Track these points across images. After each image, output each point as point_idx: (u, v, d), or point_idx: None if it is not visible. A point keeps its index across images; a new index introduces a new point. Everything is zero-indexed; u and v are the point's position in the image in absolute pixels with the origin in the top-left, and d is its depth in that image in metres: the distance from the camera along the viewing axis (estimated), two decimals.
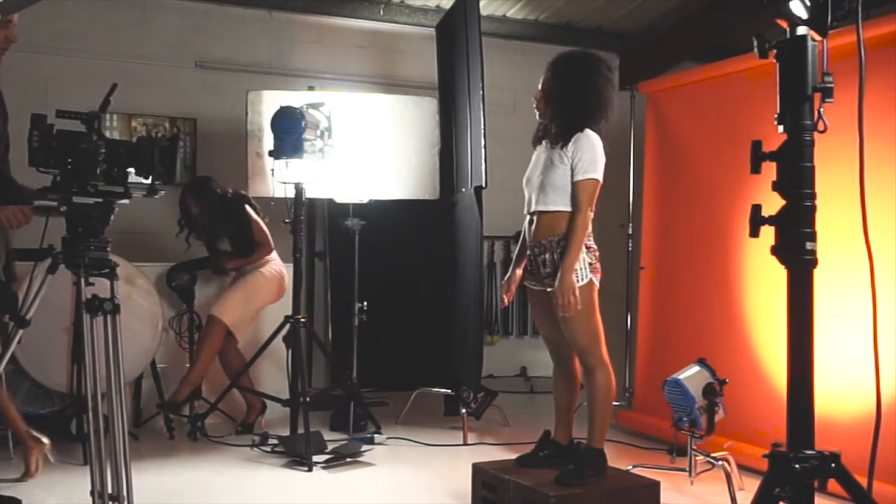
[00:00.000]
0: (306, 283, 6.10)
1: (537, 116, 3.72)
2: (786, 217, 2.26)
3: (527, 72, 7.48)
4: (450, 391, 5.35)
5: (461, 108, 5.52)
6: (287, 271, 5.25)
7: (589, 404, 3.57)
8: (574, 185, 3.49)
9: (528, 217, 3.69)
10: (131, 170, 2.73)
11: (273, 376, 5.43)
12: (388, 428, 5.20)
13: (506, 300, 3.84)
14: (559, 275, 3.43)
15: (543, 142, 3.69)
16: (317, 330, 6.02)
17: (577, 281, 3.43)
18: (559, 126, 3.57)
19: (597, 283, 3.52)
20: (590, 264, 3.50)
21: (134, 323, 4.68)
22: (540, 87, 3.67)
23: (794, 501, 2.19)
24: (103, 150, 2.68)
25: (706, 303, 4.91)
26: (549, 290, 3.55)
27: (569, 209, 3.50)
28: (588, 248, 3.51)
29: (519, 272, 3.77)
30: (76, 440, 4.51)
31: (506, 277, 3.85)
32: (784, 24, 2.28)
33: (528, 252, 3.67)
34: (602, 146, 3.54)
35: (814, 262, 2.25)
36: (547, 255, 3.54)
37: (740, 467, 4.01)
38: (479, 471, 3.70)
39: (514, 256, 3.87)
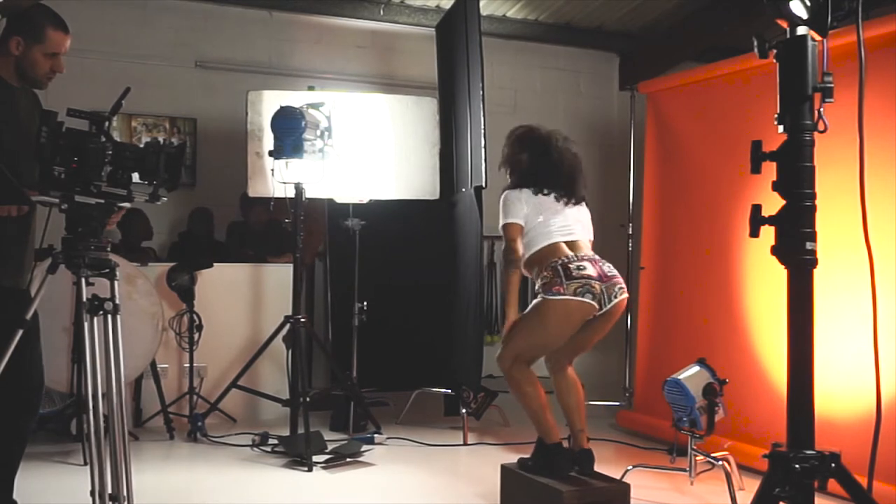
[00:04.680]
0: (306, 283, 6.10)
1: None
2: (786, 217, 2.25)
3: (527, 72, 7.54)
4: (450, 391, 5.36)
5: (461, 108, 5.52)
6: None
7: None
8: None
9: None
10: (135, 174, 2.73)
11: (273, 376, 5.43)
12: (388, 428, 5.20)
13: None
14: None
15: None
16: (317, 330, 6.02)
17: None
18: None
19: None
20: None
21: (134, 323, 4.68)
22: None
23: (794, 501, 2.19)
24: (110, 152, 2.67)
25: (706, 303, 4.91)
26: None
27: None
28: None
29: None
30: (76, 440, 4.52)
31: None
32: (784, 24, 2.28)
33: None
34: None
35: (814, 262, 2.25)
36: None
37: (740, 467, 4.01)
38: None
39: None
